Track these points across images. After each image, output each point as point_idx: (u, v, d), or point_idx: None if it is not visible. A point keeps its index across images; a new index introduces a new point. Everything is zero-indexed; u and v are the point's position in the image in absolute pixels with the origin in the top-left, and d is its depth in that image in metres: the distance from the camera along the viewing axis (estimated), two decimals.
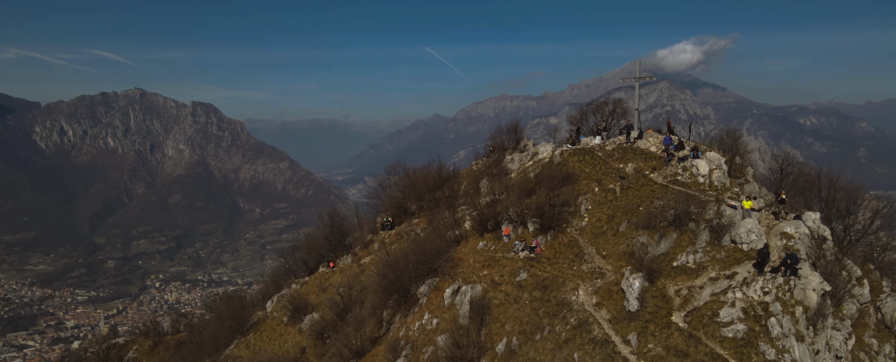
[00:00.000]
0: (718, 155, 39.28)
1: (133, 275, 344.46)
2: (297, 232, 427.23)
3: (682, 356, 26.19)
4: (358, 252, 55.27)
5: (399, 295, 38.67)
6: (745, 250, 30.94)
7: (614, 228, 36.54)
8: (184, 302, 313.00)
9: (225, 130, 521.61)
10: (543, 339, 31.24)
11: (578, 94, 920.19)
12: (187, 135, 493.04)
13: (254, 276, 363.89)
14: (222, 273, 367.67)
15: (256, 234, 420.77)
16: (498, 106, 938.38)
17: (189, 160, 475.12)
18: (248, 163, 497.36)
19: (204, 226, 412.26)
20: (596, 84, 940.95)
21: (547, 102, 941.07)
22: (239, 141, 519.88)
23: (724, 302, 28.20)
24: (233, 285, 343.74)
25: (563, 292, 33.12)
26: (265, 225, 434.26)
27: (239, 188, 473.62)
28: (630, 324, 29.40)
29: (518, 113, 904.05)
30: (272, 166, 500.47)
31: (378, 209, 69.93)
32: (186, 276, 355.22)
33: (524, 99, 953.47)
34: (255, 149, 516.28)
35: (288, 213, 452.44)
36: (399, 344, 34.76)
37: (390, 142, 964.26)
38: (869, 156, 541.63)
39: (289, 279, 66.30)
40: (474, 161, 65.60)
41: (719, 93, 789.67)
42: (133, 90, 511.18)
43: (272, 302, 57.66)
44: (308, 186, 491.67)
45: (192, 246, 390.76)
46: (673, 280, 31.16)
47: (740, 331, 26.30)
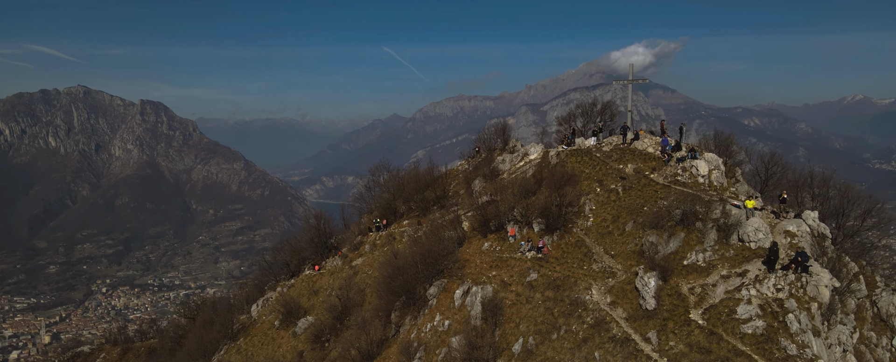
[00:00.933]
0: (715, 156, 40.07)
1: (77, 281, 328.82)
2: (252, 233, 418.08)
3: (706, 352, 26.50)
4: (348, 254, 53.93)
5: (406, 296, 37.82)
6: (752, 248, 31.61)
7: (620, 228, 36.82)
8: (133, 307, 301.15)
9: (176, 130, 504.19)
10: (560, 339, 31.15)
11: (535, 95, 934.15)
12: (136, 134, 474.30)
13: (208, 279, 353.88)
14: (174, 276, 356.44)
15: (210, 236, 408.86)
16: (456, 106, 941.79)
17: (138, 160, 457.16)
18: (201, 164, 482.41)
19: (154, 228, 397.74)
20: (552, 85, 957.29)
21: (504, 102, 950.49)
22: (191, 140, 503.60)
23: (740, 299, 28.71)
24: (185, 289, 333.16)
25: (576, 291, 33.13)
26: (219, 226, 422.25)
27: (191, 189, 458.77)
28: (649, 323, 29.59)
29: (476, 113, 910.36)
30: (226, 166, 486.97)
31: (361, 210, 68.54)
32: (135, 281, 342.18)
33: (482, 99, 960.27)
34: (208, 148, 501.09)
35: (243, 215, 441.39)
36: (412, 346, 34.40)
37: (348, 142, 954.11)
38: (807, 155, 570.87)
39: (272, 282, 64.20)
40: (460, 161, 65.06)
41: (669, 94, 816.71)
42: (76, 87, 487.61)
43: (257, 305, 55.82)
44: (264, 187, 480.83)
45: (141, 249, 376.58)
46: (685, 278, 31.58)
47: (760, 328, 26.80)
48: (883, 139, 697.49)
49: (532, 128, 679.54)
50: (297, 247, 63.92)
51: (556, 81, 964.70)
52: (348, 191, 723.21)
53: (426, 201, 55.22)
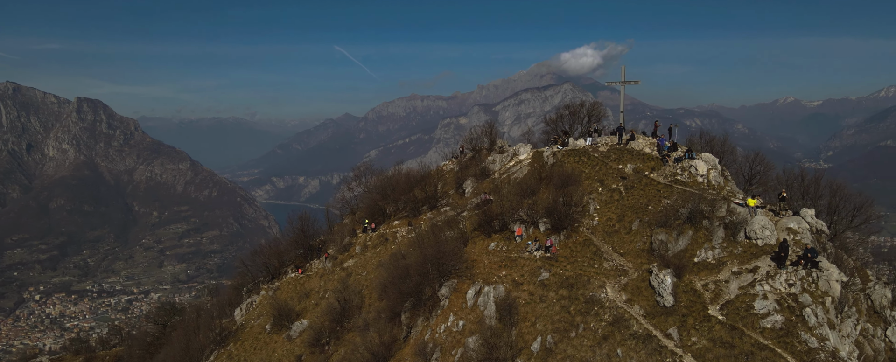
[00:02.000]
0: (712, 156, 40.89)
1: (7, 289, 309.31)
2: (200, 236, 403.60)
3: (729, 347, 26.87)
4: (337, 255, 52.24)
5: (415, 297, 36.84)
6: (760, 245, 32.38)
7: (627, 227, 37.08)
8: (70, 315, 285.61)
9: (116, 129, 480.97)
10: (579, 336, 31.06)
11: (487, 95, 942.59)
12: (72, 133, 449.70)
13: (152, 284, 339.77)
14: (115, 282, 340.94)
15: (154, 239, 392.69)
16: (409, 105, 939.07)
17: (74, 161, 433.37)
18: (144, 164, 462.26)
19: (92, 231, 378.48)
20: (504, 85, 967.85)
21: (457, 103, 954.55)
22: (133, 140, 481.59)
23: (755, 294, 29.28)
24: (127, 295, 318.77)
25: (590, 290, 33.13)
26: (164, 229, 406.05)
27: (133, 190, 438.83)
28: (668, 319, 29.81)
29: (429, 113, 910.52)
30: (171, 167, 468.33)
31: (343, 211, 66.77)
32: (72, 287, 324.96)
33: (435, 99, 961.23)
34: (151, 148, 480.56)
35: (190, 216, 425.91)
36: (427, 347, 34.12)
37: (299, 142, 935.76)
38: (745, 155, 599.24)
39: (250, 285, 61.55)
40: (445, 161, 64.28)
41: (617, 95, 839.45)
42: (5, 84, 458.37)
43: (241, 309, 53.51)
44: (211, 188, 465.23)
45: (78, 254, 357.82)
46: (697, 275, 32.03)
47: (779, 322, 27.38)
48: (812, 139, 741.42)
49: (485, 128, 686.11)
50: (279, 249, 61.55)
51: (508, 82, 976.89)
52: (300, 191, 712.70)
53: (416, 202, 54.09)
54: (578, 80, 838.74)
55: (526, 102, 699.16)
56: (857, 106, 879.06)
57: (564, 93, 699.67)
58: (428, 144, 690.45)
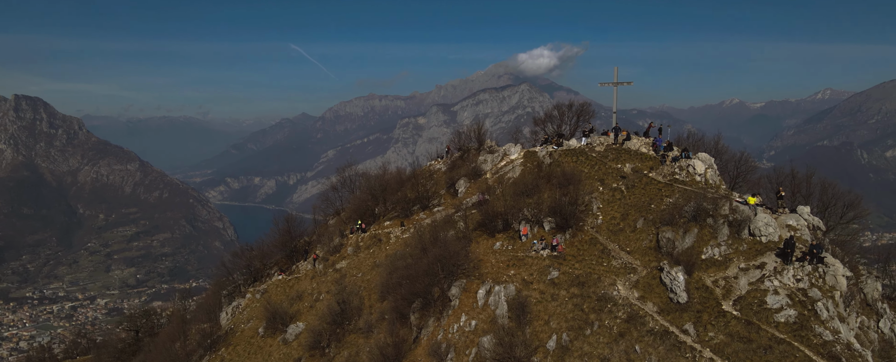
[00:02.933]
0: (708, 155, 41.84)
1: None
2: (150, 238, 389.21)
3: (746, 341, 27.45)
4: (328, 257, 50.89)
5: (423, 298, 36.24)
6: (764, 242, 33.30)
7: (631, 225, 37.50)
8: (8, 323, 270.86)
9: (58, 128, 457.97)
10: (595, 334, 31.21)
11: (446, 95, 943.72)
12: (9, 132, 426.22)
13: (98, 289, 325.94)
14: (58, 288, 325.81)
15: (100, 243, 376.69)
16: (367, 105, 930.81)
17: (12, 161, 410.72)
18: (89, 165, 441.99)
19: (32, 235, 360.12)
20: (462, 85, 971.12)
21: (415, 102, 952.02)
22: (76, 140, 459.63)
23: (766, 289, 30.04)
24: (72, 301, 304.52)
25: (602, 288, 33.34)
26: (111, 232, 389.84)
27: (78, 192, 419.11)
28: (683, 315, 30.26)
29: (387, 112, 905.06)
30: (118, 167, 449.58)
31: (326, 212, 65.25)
32: (11, 294, 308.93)
33: (393, 99, 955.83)
34: (96, 148, 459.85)
35: (139, 219, 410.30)
36: (441, 348, 33.89)
37: (254, 142, 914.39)
38: None
39: (230, 289, 59.34)
40: (430, 161, 63.69)
41: (573, 96, 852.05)
42: None
43: (227, 313, 51.45)
44: (162, 189, 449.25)
45: (17, 259, 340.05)
46: (706, 272, 32.66)
47: (792, 316, 28.15)
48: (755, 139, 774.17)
49: (443, 128, 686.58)
50: (263, 251, 59.59)
51: (466, 82, 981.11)
52: (255, 192, 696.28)
53: (406, 202, 53.28)
54: (535, 81, 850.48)
55: (484, 102, 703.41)
56: (797, 108, 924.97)
57: (522, 93, 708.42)
58: (386, 144, 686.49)
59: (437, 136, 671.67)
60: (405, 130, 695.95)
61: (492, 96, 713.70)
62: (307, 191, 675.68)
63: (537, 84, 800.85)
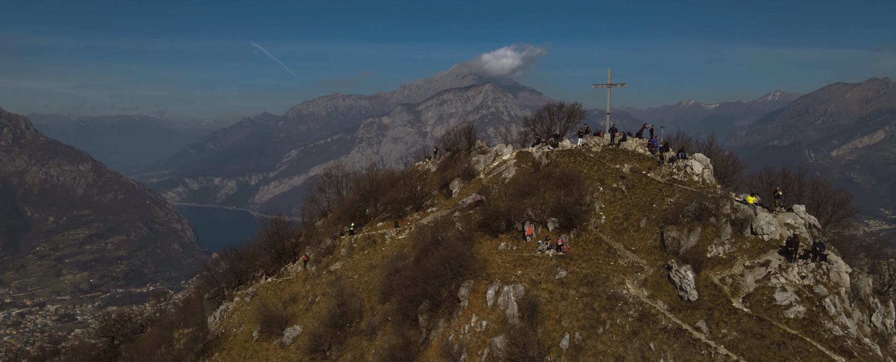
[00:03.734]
0: (704, 156, 42.72)
1: None
2: (104, 241, 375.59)
3: (760, 337, 28.05)
4: (320, 258, 49.80)
5: (431, 299, 35.89)
6: (766, 240, 34.16)
7: (635, 225, 37.93)
8: None
9: (3, 127, 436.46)
10: (607, 332, 31.42)
11: (410, 95, 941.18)
12: None
13: (48, 295, 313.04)
14: (4, 294, 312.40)
15: (50, 247, 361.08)
16: (330, 105, 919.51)
17: None
18: (38, 165, 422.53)
19: None
20: (426, 85, 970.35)
21: (379, 102, 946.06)
22: (23, 139, 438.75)
23: (773, 287, 30.78)
24: (19, 307, 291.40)
25: (611, 286, 33.61)
26: (62, 235, 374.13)
27: (25, 194, 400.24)
28: (694, 313, 30.73)
29: (350, 112, 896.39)
30: (70, 168, 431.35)
31: (311, 214, 63.90)
32: None
33: (357, 98, 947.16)
34: (45, 148, 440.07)
35: (92, 221, 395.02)
36: (453, 349, 33.75)
37: (214, 142, 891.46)
38: None
39: (214, 292, 57.51)
40: (418, 162, 63.15)
41: (536, 96, 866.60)
42: None
43: (215, 318, 49.95)
44: (117, 190, 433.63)
45: None
46: (712, 270, 33.29)
47: (801, 312, 28.93)
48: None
49: (408, 128, 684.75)
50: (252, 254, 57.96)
51: (430, 82, 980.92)
52: (215, 193, 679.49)
53: (399, 203, 52.60)
54: (499, 81, 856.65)
55: (448, 102, 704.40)
56: (749, 109, 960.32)
57: (486, 93, 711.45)
58: (350, 144, 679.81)
59: (401, 136, 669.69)
60: (369, 130, 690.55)
61: (456, 96, 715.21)
62: (270, 192, 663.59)
63: (501, 84, 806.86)
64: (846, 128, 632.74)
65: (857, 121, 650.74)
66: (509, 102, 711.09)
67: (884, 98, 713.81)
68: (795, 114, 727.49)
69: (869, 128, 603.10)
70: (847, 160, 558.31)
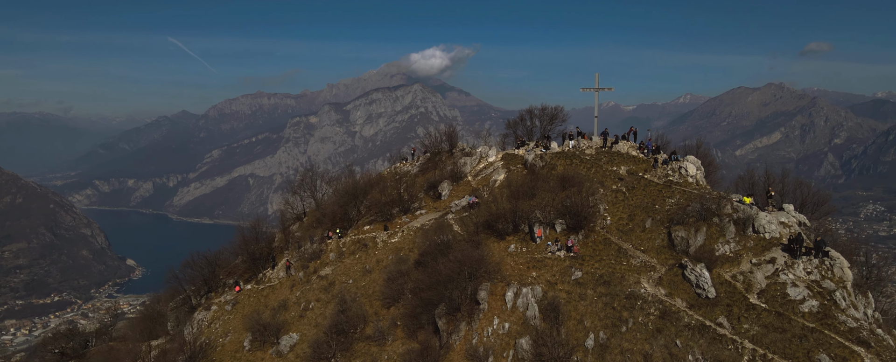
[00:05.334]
0: (696, 158, 44.70)
1: None
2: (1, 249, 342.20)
3: (781, 331, 29.84)
4: (309, 264, 47.90)
5: (447, 303, 35.85)
6: (767, 238, 36.22)
7: (640, 225, 39.13)
8: None
9: None
10: (631, 331, 32.32)
11: (338, 94, 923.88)
12: None
13: None
14: None
15: None
16: (254, 103, 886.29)
17: None
18: None
19: None
20: (354, 84, 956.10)
21: (306, 101, 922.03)
22: None
23: (784, 282, 32.75)
24: None
25: (627, 286, 34.58)
26: None
27: None
28: (714, 310, 32.20)
29: (276, 111, 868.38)
30: None
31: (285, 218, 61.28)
32: None
33: (282, 97, 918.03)
34: None
35: None
36: (479, 351, 33.67)
37: (127, 141, 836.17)
38: None
39: (178, 302, 53.97)
40: (396, 163, 62.13)
41: (465, 97, 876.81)
42: None
43: (192, 328, 46.77)
44: (15, 193, 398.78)
45: None
46: (722, 267, 34.88)
47: (815, 306, 30.94)
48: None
49: (336, 128, 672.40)
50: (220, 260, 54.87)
51: (359, 81, 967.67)
52: (129, 195, 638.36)
53: (384, 206, 51.47)
54: (428, 81, 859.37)
55: (377, 102, 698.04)
56: (663, 111, 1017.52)
57: (415, 93, 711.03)
58: (276, 144, 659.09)
59: (330, 136, 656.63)
60: (296, 130, 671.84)
61: (385, 96, 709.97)
62: (190, 194, 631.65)
63: (430, 84, 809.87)
64: (748, 129, 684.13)
65: (757, 123, 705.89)
66: (438, 102, 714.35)
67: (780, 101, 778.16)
68: (704, 116, 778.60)
69: (767, 129, 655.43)
70: (749, 159, 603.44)
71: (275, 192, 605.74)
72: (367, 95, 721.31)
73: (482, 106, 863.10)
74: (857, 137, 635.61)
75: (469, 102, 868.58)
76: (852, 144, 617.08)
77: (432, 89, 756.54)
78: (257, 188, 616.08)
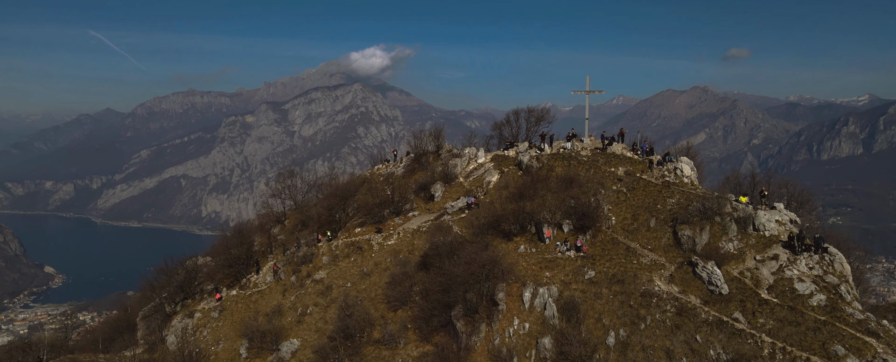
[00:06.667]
0: (689, 159, 46.20)
1: None
2: None
3: (796, 325, 31.30)
4: (301, 268, 46.17)
5: (463, 304, 36.11)
6: (767, 236, 37.87)
7: (645, 224, 40.08)
8: None
9: None
10: (649, 327, 33.09)
11: (275, 93, 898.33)
12: None
13: None
14: None
15: None
16: (186, 101, 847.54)
17: None
18: None
19: None
20: (293, 83, 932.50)
21: (242, 100, 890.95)
22: None
23: (791, 278, 34.36)
24: None
25: (641, 284, 35.41)
26: None
27: None
28: (729, 305, 33.40)
29: (210, 110, 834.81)
30: None
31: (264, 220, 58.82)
32: None
33: (216, 95, 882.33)
34: None
35: None
36: (502, 352, 33.69)
37: (44, 140, 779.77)
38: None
39: (150, 310, 50.74)
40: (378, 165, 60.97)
41: (405, 97, 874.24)
42: None
43: (176, 337, 44.11)
44: None
45: None
46: (728, 264, 36.10)
47: (823, 300, 32.62)
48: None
49: (274, 127, 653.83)
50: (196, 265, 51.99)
51: (297, 80, 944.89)
52: (47, 198, 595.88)
53: (372, 208, 50.29)
54: (368, 81, 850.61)
55: (317, 101, 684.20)
56: (598, 112, 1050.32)
57: (355, 93, 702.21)
58: (211, 143, 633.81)
59: (267, 136, 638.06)
60: (232, 129, 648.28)
61: (325, 95, 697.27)
62: (116, 196, 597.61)
63: (370, 84, 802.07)
64: (676, 129, 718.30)
65: (684, 124, 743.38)
66: (379, 102, 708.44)
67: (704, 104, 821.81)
68: (636, 117, 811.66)
69: (693, 129, 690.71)
70: None
71: (209, 194, 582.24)
72: (307, 94, 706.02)
73: (423, 106, 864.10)
74: (772, 138, 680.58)
75: (410, 102, 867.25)
76: (769, 144, 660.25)
77: (373, 89, 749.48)
78: (190, 189, 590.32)
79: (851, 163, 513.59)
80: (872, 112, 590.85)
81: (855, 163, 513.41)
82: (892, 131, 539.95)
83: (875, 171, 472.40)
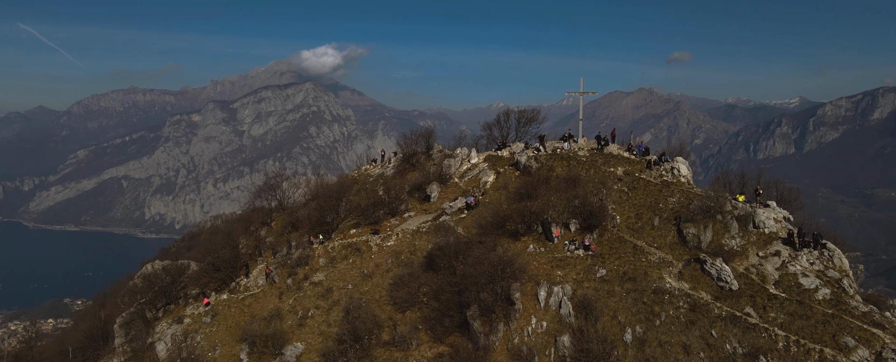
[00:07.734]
0: (684, 159, 47.29)
1: None
2: None
3: (805, 318, 32.51)
4: (297, 270, 44.70)
5: (478, 304, 35.84)
6: (767, 233, 39.17)
7: (649, 223, 40.81)
8: None
9: None
10: (664, 324, 33.73)
11: (223, 91, 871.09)
12: None
13: None
14: None
15: None
16: (128, 99, 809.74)
17: None
18: None
19: None
20: (241, 82, 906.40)
21: (188, 98, 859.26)
22: None
23: (795, 273, 35.70)
24: None
25: (652, 281, 36.12)
26: None
27: None
28: (739, 301, 34.39)
29: (153, 108, 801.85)
30: None
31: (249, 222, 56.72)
32: None
33: (160, 93, 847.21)
34: None
35: None
36: (523, 351, 33.77)
37: None
38: None
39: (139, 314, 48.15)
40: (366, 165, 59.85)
41: (358, 96, 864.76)
42: None
43: (166, 343, 41.99)
44: None
45: None
46: (733, 261, 37.08)
47: (827, 294, 34.03)
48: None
49: (222, 127, 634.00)
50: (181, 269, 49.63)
51: (246, 78, 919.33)
52: None
53: (365, 209, 49.23)
54: (320, 80, 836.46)
55: (267, 100, 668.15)
56: (549, 112, 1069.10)
57: (307, 92, 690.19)
58: (154, 143, 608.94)
59: (215, 135, 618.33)
60: (177, 128, 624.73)
61: (275, 94, 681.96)
62: (50, 198, 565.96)
63: (322, 83, 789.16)
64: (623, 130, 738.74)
65: (632, 124, 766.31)
66: (331, 101, 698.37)
67: (650, 105, 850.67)
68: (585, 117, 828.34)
69: (640, 130, 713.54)
70: None
71: (153, 195, 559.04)
72: (256, 93, 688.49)
73: (376, 106, 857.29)
74: (713, 138, 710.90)
75: (362, 102, 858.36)
76: (709, 144, 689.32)
77: (325, 88, 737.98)
78: (132, 191, 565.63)
79: (784, 163, 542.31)
80: (803, 114, 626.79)
81: (787, 162, 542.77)
82: (820, 132, 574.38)
83: (806, 170, 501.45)
